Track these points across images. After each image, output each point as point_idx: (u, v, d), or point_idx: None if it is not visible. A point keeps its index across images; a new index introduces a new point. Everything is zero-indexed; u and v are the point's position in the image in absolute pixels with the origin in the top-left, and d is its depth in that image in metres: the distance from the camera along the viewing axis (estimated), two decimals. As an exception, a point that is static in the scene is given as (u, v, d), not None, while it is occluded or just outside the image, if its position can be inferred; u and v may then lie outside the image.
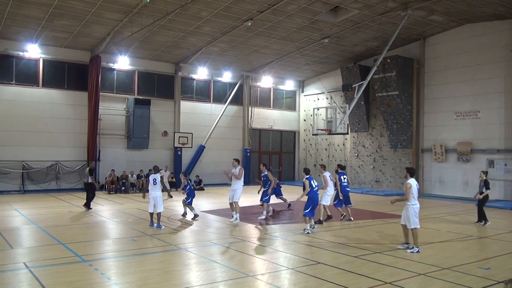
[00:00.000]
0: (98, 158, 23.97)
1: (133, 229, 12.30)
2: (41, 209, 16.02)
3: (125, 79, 25.69)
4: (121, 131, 25.21)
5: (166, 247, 9.90)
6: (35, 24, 20.28)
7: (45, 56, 22.90)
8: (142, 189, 21.49)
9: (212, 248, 10.04)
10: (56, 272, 7.76)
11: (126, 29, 21.11)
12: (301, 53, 25.86)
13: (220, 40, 23.34)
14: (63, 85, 23.62)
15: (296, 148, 33.18)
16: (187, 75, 27.62)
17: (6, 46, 21.82)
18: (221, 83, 29.33)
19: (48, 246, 10.08)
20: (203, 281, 7.38)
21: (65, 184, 23.11)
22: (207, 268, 8.20)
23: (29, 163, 22.14)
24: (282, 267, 8.40)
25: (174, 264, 8.46)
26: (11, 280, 7.35)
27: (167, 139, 26.53)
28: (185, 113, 27.45)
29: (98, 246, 10.28)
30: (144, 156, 25.55)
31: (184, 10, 19.25)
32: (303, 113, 32.65)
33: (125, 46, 23.47)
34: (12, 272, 7.77)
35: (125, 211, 16.00)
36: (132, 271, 7.91)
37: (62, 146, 23.16)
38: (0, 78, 21.90)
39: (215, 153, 28.72)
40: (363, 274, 7.77)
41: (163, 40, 23.20)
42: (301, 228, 12.40)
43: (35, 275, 7.48)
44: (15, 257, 8.96)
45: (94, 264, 8.35)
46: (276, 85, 31.74)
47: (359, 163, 27.99)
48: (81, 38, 22.27)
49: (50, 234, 11.33)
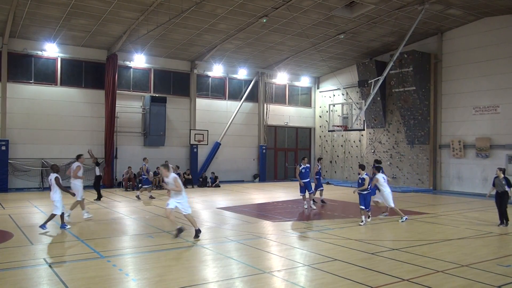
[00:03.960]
0: (115, 155, 24.25)
1: (150, 225, 12.42)
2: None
3: (141, 77, 25.91)
4: (138, 129, 25.46)
5: (183, 244, 9.97)
6: (53, 24, 20.57)
7: (63, 55, 23.24)
8: (157, 186, 21.63)
9: (229, 244, 10.07)
10: (75, 268, 7.88)
11: (142, 27, 21.28)
12: (316, 49, 25.72)
13: (235, 37, 23.35)
14: (80, 84, 23.95)
15: (312, 145, 33.06)
16: (203, 73, 27.72)
17: (25, 46, 22.20)
18: (237, 80, 29.36)
19: (67, 242, 10.24)
20: (219, 277, 7.41)
21: (83, 181, 23.36)
22: (223, 265, 8.24)
23: (48, 160, 22.51)
24: (298, 263, 8.39)
25: (190, 261, 8.51)
26: (32, 275, 7.49)
27: (182, 136, 26.69)
28: (200, 110, 27.56)
29: (116, 242, 10.41)
30: (161, 153, 25.75)
31: (199, 7, 19.31)
32: (319, 110, 32.49)
33: (141, 44, 23.66)
34: (32, 268, 7.91)
35: (142, 208, 16.15)
36: (149, 267, 7.99)
37: (80, 143, 23.46)
38: (20, 77, 22.30)
39: (231, 150, 28.80)
40: (380, 271, 7.70)
41: (179, 38, 23.31)
42: (318, 224, 12.36)
43: (55, 271, 7.60)
44: (35, 253, 9.12)
45: (112, 260, 8.45)
46: (291, 82, 31.64)
47: (375, 159, 27.71)
48: (98, 37, 22.51)
49: (69, 230, 11.51)
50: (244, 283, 7.23)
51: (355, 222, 13.16)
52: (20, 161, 22.00)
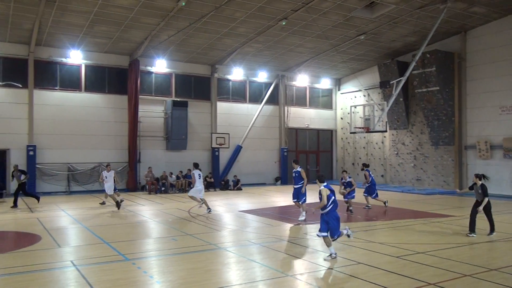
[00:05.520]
0: (139, 159, 24.59)
1: (173, 228, 12.54)
2: (86, 209, 16.59)
3: (163, 81, 26.22)
4: (160, 133, 25.77)
5: (206, 246, 10.03)
6: (77, 31, 21.03)
7: (86, 61, 23.71)
8: (182, 189, 21.83)
9: (251, 247, 10.08)
10: (101, 270, 8.02)
11: (163, 32, 21.56)
12: (336, 50, 25.57)
13: (255, 40, 23.42)
14: (104, 89, 24.39)
15: (333, 147, 32.84)
16: (223, 76, 27.88)
17: (50, 53, 22.75)
18: (257, 83, 29.43)
19: (93, 245, 10.42)
20: (242, 280, 7.43)
21: (107, 185, 23.79)
22: (246, 268, 8.25)
23: (74, 165, 23.00)
24: (322, 267, 8.34)
25: (213, 263, 8.56)
26: (60, 277, 7.66)
27: (204, 140, 26.87)
28: (221, 114, 27.71)
29: (140, 245, 10.55)
30: (183, 157, 25.98)
31: (218, 12, 19.45)
32: (340, 111, 32.26)
33: (162, 49, 23.96)
34: (60, 270, 8.09)
35: (165, 211, 16.33)
36: (173, 270, 8.06)
37: (104, 148, 23.91)
38: (46, 84, 22.86)
39: (252, 153, 28.85)
40: (405, 275, 7.59)
41: (199, 42, 23.52)
42: (341, 228, 12.25)
43: (82, 273, 7.75)
44: (63, 255, 9.32)
45: (137, 262, 8.56)
46: (312, 84, 31.53)
47: (398, 161, 27.39)
48: (120, 43, 22.90)
49: (95, 233, 11.72)
50: (267, 286, 7.22)
51: (378, 225, 13.01)
52: (47, 166, 22.52)
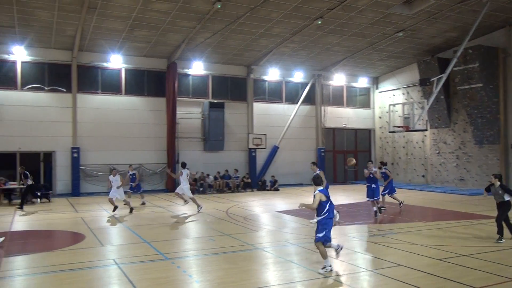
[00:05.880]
0: (177, 160, 25.02)
1: (211, 228, 12.68)
2: (127, 209, 17.02)
3: (200, 83, 26.58)
4: (198, 134, 26.13)
5: (244, 247, 10.08)
6: (117, 36, 21.66)
7: (126, 65, 24.37)
8: (217, 190, 22.03)
9: (289, 248, 10.06)
10: (142, 269, 8.21)
11: (199, 35, 21.86)
12: (374, 48, 25.13)
13: (290, 40, 23.35)
14: (143, 92, 25.00)
15: (372, 147, 32.28)
16: (259, 77, 27.96)
17: (92, 58, 23.53)
18: (293, 83, 29.33)
19: (134, 244, 10.69)
20: (280, 281, 7.42)
21: (148, 185, 24.39)
22: (284, 268, 8.23)
23: (115, 166, 23.64)
24: (361, 268, 8.21)
25: (251, 264, 8.59)
26: (102, 275, 7.90)
27: (240, 140, 27.04)
28: (258, 115, 27.79)
29: (179, 244, 10.73)
30: (220, 157, 26.26)
31: (254, 13, 19.52)
32: (378, 110, 31.67)
33: (199, 51, 24.30)
34: (103, 268, 8.35)
35: (203, 211, 16.53)
36: (211, 269, 8.15)
37: (144, 149, 24.49)
38: (88, 88, 23.67)
39: (289, 154, 28.77)
40: (448, 278, 7.35)
41: (235, 44, 23.69)
42: (381, 228, 12.04)
43: (124, 271, 7.97)
44: (105, 254, 9.61)
45: (176, 262, 8.72)
46: (349, 83, 31.11)
47: (440, 160, 26.59)
48: (158, 47, 23.40)
49: (136, 232, 12.02)
50: (305, 287, 7.18)
51: (419, 227, 12.68)
52: (90, 167, 23.32)
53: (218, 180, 24.82)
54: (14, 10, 18.21)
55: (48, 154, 22.97)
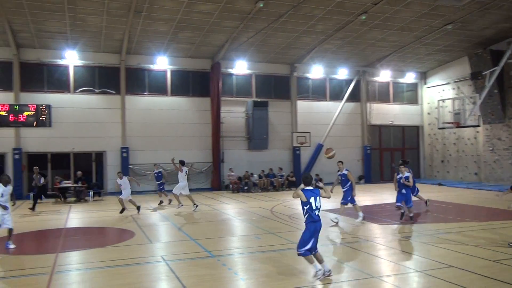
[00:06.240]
0: (222, 159, 25.34)
1: (257, 227, 12.73)
2: (174, 208, 17.41)
3: (243, 83, 26.75)
4: (242, 133, 26.32)
5: (289, 245, 10.04)
6: (162, 38, 22.19)
7: (172, 67, 24.92)
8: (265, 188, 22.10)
9: (334, 247, 9.93)
10: (189, 266, 8.36)
11: (242, 34, 21.99)
12: (421, 42, 24.34)
13: (334, 37, 23.03)
14: (188, 93, 25.47)
15: (420, 144, 31.29)
16: (302, 75, 27.78)
17: (139, 61, 24.23)
18: (337, 80, 28.93)
19: (181, 241, 10.91)
20: (326, 281, 7.33)
21: (194, 184, 24.83)
22: (330, 268, 8.13)
23: (162, 165, 24.23)
24: (410, 269, 7.97)
25: (297, 262, 8.54)
26: (151, 271, 8.12)
27: (285, 139, 27.00)
28: (302, 113, 27.63)
29: (225, 242, 10.85)
30: (264, 156, 26.33)
31: (296, 10, 19.41)
32: (427, 106, 30.65)
33: (242, 51, 24.46)
34: (152, 264, 8.58)
35: (248, 209, 16.64)
36: (257, 268, 8.18)
37: (190, 149, 24.95)
38: (135, 90, 24.40)
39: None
40: (504, 281, 6.99)
41: (278, 42, 23.66)
42: (430, 228, 11.64)
43: (171, 268, 8.15)
44: (154, 250, 9.87)
45: (221, 259, 8.82)
46: (395, 78, 30.31)
47: (494, 158, 25.37)
48: (202, 48, 23.76)
49: (183, 230, 12.27)
50: (352, 287, 7.06)
51: (472, 227, 12.15)
52: (139, 166, 24.04)
53: (262, 179, 24.92)
54: (66, 17, 19.06)
55: (99, 154, 23.89)
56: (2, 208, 10.06)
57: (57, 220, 14.64)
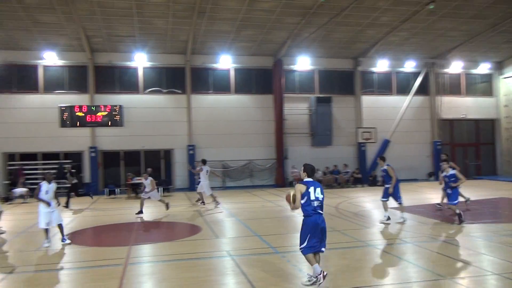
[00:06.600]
0: (286, 156, 25.35)
1: (320, 224, 12.58)
2: (239, 204, 17.69)
3: (306, 79, 26.56)
4: (305, 130, 26.16)
5: (354, 243, 9.85)
6: (225, 38, 22.58)
7: (235, 65, 25.30)
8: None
9: (404, 246, 9.58)
10: (254, 261, 8.45)
11: (304, 30, 21.82)
12: (496, 30, 22.80)
13: (399, 28, 22.20)
14: (251, 90, 25.74)
15: (496, 139, 29.38)
16: (367, 69, 27.07)
17: (203, 60, 24.85)
18: (404, 73, 27.88)
19: (246, 237, 11.05)
20: (393, 280, 7.11)
21: (257, 181, 25.14)
22: (398, 267, 7.87)
23: (227, 162, 24.77)
24: (487, 271, 7.49)
25: (363, 261, 8.36)
26: (218, 265, 8.30)
27: (349, 135, 26.48)
28: (367, 108, 26.95)
29: (290, 239, 10.82)
30: (328, 152, 26.02)
31: (359, 3, 18.94)
32: (503, 98, 28.70)
33: (304, 47, 24.29)
34: (218, 259, 8.76)
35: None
36: (321, 265, 8.08)
37: (253, 146, 25.24)
38: (200, 89, 25.05)
39: (401, 147, 27.42)
40: None
41: (340, 37, 23.22)
42: (506, 229, 10.89)
43: (237, 263, 8.28)
44: (220, 245, 10.08)
45: (286, 255, 8.81)
46: (467, 70, 28.68)
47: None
48: (264, 45, 23.88)
49: (248, 226, 12.42)
50: (423, 288, 6.78)
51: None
52: (204, 164, 24.65)
53: (327, 176, 24.62)
54: (135, 20, 19.97)
55: (167, 151, 24.82)
56: (45, 204, 10.12)
57: (129, 215, 15.39)
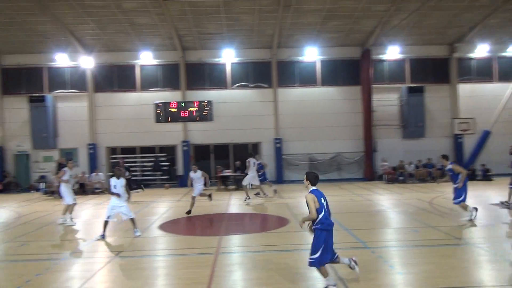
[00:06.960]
0: (375, 149, 24.60)
1: (414, 219, 12.07)
2: (328, 197, 17.51)
3: (396, 68, 25.46)
4: (395, 121, 25.15)
5: (452, 241, 9.30)
6: (311, 30, 22.40)
7: (321, 57, 25.01)
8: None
9: (507, 246, 8.84)
10: (343, 256, 8.31)
11: (394, 18, 20.92)
12: None
13: (502, 9, 20.42)
14: (337, 82, 25.30)
15: None
16: (464, 55, 25.24)
17: (289, 54, 24.90)
18: (507, 58, 25.64)
19: (335, 231, 10.88)
20: (495, 282, 6.59)
21: (346, 174, 24.70)
22: (500, 268, 7.27)
23: (314, 155, 24.64)
24: None
25: (461, 260, 7.85)
26: (303, 258, 8.29)
27: (444, 126, 24.96)
28: (464, 97, 25.18)
29: (380, 234, 10.53)
30: (421, 145, 24.79)
31: (456, -16, 17.68)
32: None
33: (393, 35, 23.29)
34: (306, 252, 8.75)
35: (404, 200, 15.86)
36: (415, 262, 7.75)
37: (341, 138, 24.83)
38: (286, 82, 25.16)
39: (504, 139, 25.09)
40: None
41: (434, 22, 21.92)
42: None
43: (325, 257, 8.20)
44: (307, 238, 10.01)
45: (376, 251, 8.57)
46: None
47: None
48: (351, 35, 23.29)
49: (337, 220, 12.25)
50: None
51: None
52: (291, 156, 24.81)
53: (419, 169, 23.47)
54: (223, 18, 20.56)
55: (255, 144, 25.32)
56: (116, 196, 10.26)
57: (219, 206, 15.98)
